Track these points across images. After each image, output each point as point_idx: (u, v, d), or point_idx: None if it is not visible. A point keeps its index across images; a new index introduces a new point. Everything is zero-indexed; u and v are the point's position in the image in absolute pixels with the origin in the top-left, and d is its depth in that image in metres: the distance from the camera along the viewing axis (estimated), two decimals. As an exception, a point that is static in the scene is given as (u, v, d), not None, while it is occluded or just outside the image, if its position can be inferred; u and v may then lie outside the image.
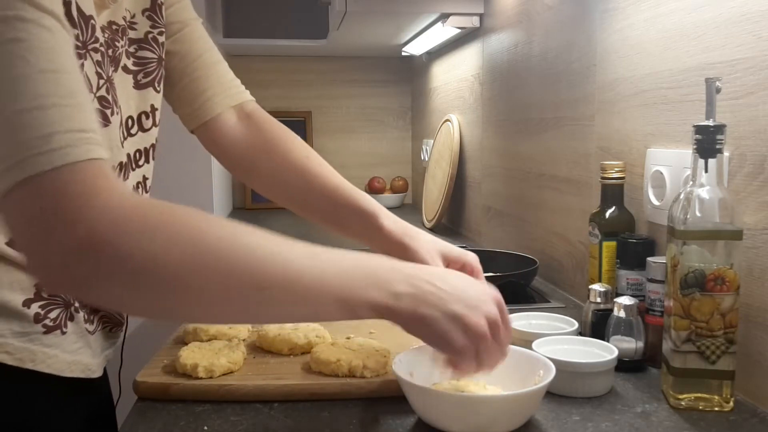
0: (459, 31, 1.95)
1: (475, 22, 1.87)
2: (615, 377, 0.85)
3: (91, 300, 0.59)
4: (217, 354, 0.85)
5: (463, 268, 0.88)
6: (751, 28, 0.80)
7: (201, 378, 0.82)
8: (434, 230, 2.18)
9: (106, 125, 0.76)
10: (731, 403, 0.77)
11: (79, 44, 0.70)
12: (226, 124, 0.98)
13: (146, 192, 0.88)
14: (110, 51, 0.79)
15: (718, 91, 0.77)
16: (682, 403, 0.78)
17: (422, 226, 2.28)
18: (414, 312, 0.65)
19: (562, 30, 1.34)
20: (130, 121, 0.84)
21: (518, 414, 0.72)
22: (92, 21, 0.72)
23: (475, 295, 0.68)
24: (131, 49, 0.85)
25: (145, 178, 0.87)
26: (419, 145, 2.77)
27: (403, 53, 2.62)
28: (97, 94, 0.75)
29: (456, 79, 2.18)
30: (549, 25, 1.40)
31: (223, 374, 0.83)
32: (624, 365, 0.87)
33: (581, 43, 1.25)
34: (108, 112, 0.77)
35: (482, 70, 1.89)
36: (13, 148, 0.55)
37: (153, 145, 0.88)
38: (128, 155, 0.83)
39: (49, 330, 0.74)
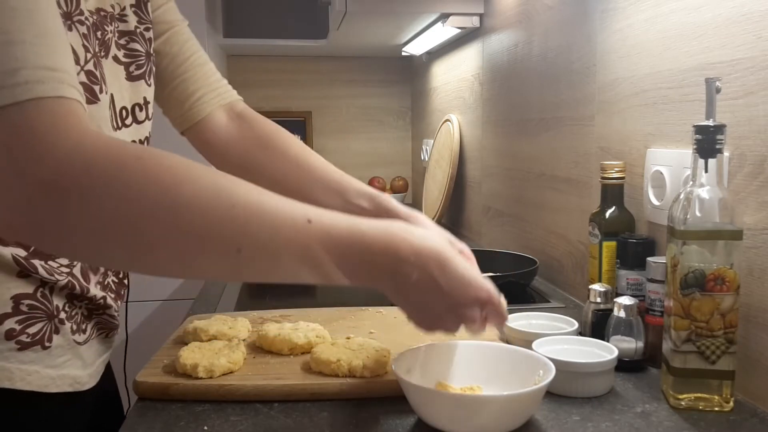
0: (459, 31, 1.95)
1: (475, 22, 1.87)
2: (615, 377, 0.85)
3: (52, 247, 0.55)
4: (217, 354, 0.85)
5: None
6: (751, 28, 0.80)
7: (201, 378, 0.82)
8: (434, 230, 2.18)
9: (94, 102, 0.74)
10: (731, 403, 0.77)
11: (63, 14, 0.68)
12: (217, 124, 0.98)
13: None
14: (99, 33, 0.78)
15: (718, 91, 0.77)
16: (682, 403, 0.78)
17: (422, 226, 2.27)
18: (415, 299, 0.65)
19: (562, 30, 1.34)
20: (124, 112, 0.84)
21: (518, 414, 0.72)
22: None
23: (465, 297, 0.66)
24: (122, 41, 0.85)
25: None
26: (419, 145, 2.77)
27: (403, 53, 2.62)
28: (85, 68, 0.73)
29: (456, 79, 2.18)
30: (549, 25, 1.40)
31: (223, 374, 0.83)
32: (624, 365, 0.87)
33: (581, 43, 1.25)
34: (96, 88, 0.74)
35: (482, 70, 1.89)
36: None
37: (147, 138, 0.88)
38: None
39: (24, 346, 0.70)
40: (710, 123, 0.76)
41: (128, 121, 0.84)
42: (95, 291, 0.78)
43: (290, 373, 0.85)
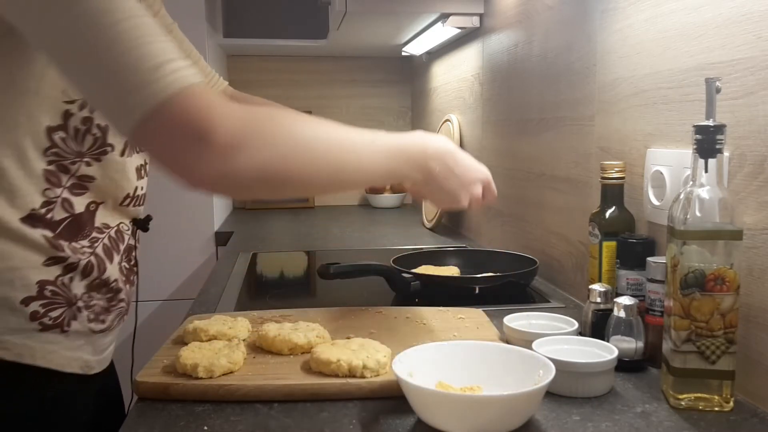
0: (459, 31, 1.95)
1: (475, 22, 1.87)
2: (615, 377, 0.85)
3: (230, 191, 0.75)
4: (217, 354, 0.85)
5: None
6: (751, 28, 0.80)
7: (201, 378, 0.82)
8: (434, 230, 2.18)
9: None
10: (731, 403, 0.77)
11: None
12: None
13: (146, 175, 0.93)
14: None
15: (718, 91, 0.77)
16: (682, 403, 0.78)
17: (422, 226, 2.27)
18: (437, 184, 0.89)
19: (562, 30, 1.34)
20: None
21: (518, 414, 0.72)
22: None
23: (471, 178, 0.93)
24: None
25: (145, 162, 0.92)
26: (419, 145, 2.77)
27: (403, 53, 2.62)
28: None
29: (456, 79, 2.18)
30: (549, 25, 1.40)
31: (223, 374, 0.83)
32: (624, 365, 0.87)
33: (581, 43, 1.25)
34: None
35: (482, 70, 1.89)
36: (131, 82, 0.62)
37: None
38: None
39: (45, 328, 0.77)
40: (710, 123, 0.76)
41: None
42: (112, 271, 0.85)
43: (290, 373, 0.85)
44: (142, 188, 0.91)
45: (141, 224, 0.93)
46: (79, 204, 0.81)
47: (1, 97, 0.74)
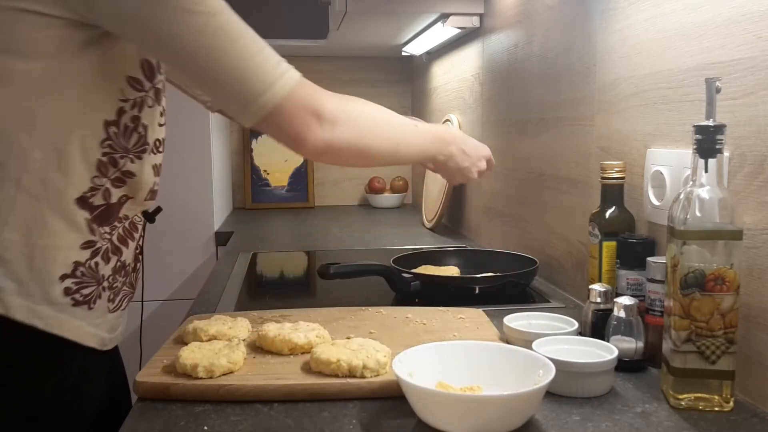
0: (459, 31, 1.95)
1: (475, 22, 1.87)
2: (615, 377, 0.85)
3: (330, 157, 0.92)
4: (217, 354, 0.85)
5: None
6: (751, 28, 0.80)
7: (201, 378, 0.82)
8: (434, 230, 2.18)
9: (158, 103, 0.93)
10: (731, 403, 0.77)
11: None
12: None
13: (160, 174, 1.00)
14: None
15: (718, 91, 0.77)
16: (682, 403, 0.78)
17: (422, 226, 2.27)
18: (455, 163, 1.12)
19: (562, 30, 1.34)
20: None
21: (518, 414, 0.72)
22: None
23: (479, 156, 1.15)
24: None
25: (161, 163, 0.99)
26: (419, 145, 2.76)
27: (403, 53, 2.62)
28: (156, 85, 0.92)
29: (456, 79, 2.18)
30: (549, 25, 1.40)
31: (223, 374, 0.83)
32: (624, 365, 0.87)
33: (581, 43, 1.25)
34: (162, 94, 0.96)
35: (482, 70, 1.89)
36: (261, 82, 0.82)
37: (164, 139, 1.00)
38: (157, 140, 0.95)
39: (77, 303, 0.86)
40: (710, 123, 0.76)
41: (161, 121, 0.97)
42: (127, 256, 0.93)
43: (290, 373, 0.85)
44: (156, 184, 0.99)
45: (149, 216, 0.99)
46: (115, 195, 0.89)
47: (72, 90, 0.81)
